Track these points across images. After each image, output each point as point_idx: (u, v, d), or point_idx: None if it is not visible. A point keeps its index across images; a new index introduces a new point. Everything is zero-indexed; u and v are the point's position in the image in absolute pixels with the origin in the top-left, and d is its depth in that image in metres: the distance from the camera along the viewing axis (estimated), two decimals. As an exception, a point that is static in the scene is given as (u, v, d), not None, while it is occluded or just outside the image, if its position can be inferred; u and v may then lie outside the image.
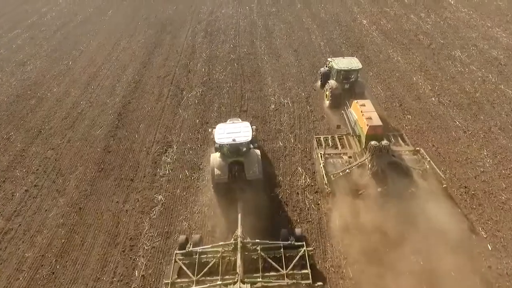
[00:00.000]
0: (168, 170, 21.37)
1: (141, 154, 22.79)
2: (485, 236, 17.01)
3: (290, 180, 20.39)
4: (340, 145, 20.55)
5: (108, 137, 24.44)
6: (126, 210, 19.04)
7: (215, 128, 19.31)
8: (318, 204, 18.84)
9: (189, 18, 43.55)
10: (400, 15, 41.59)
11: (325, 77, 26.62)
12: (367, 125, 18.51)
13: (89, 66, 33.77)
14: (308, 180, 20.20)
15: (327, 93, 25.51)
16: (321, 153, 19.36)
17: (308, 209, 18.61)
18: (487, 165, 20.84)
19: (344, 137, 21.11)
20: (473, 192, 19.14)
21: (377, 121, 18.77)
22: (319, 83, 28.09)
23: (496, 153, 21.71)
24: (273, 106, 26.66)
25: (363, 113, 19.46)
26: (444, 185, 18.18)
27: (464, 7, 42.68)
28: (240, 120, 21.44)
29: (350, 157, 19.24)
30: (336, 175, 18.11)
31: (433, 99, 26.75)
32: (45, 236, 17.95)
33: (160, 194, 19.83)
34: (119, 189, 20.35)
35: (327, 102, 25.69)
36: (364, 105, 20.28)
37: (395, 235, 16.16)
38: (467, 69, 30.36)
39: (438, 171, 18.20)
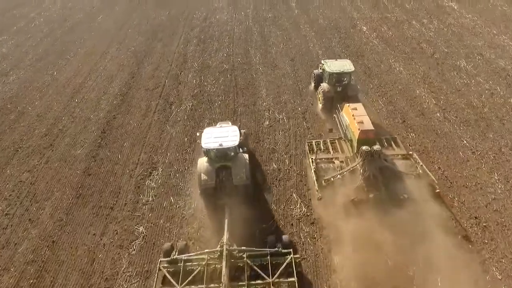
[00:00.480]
0: (152, 197, 19.64)
1: (123, 178, 21.05)
2: (499, 277, 15.27)
3: (284, 209, 18.70)
4: (332, 149, 20.07)
5: (89, 157, 22.72)
6: (104, 244, 17.29)
7: (202, 131, 18.86)
8: (315, 238, 17.12)
9: (182, 24, 41.85)
10: (401, 21, 39.93)
11: (319, 80, 26.08)
12: (359, 129, 18.08)
13: (74, 77, 32.03)
14: (303, 208, 18.53)
15: (319, 96, 25.04)
16: (312, 158, 18.87)
17: (303, 244, 16.90)
18: (499, 191, 19.13)
19: (336, 141, 20.61)
20: (484, 224, 17.43)
21: (368, 125, 18.35)
22: (312, 85, 27.50)
23: (508, 177, 19.98)
24: (267, 123, 24.93)
25: (354, 117, 18.96)
26: (437, 190, 17.69)
27: (468, 13, 41.02)
28: (229, 124, 20.87)
29: (342, 161, 18.84)
30: (327, 181, 17.66)
31: (438, 114, 25.04)
32: (12, 275, 16.21)
33: (141, 225, 18.08)
34: (97, 219, 18.61)
35: (319, 105, 25.23)
36: (355, 109, 19.74)
37: (392, 259, 15.25)
38: (473, 80, 28.68)
39: (432, 176, 17.89)
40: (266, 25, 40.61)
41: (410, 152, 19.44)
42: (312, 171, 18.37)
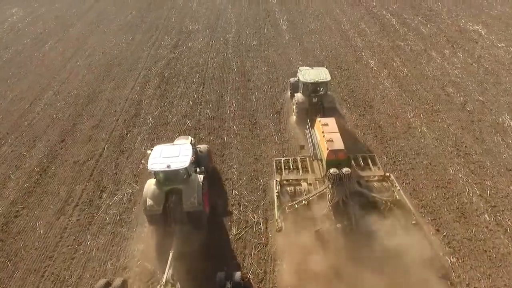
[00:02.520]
0: None
1: None
2: None
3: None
4: (302, 169, 17.88)
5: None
6: None
7: (151, 149, 16.93)
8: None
9: (145, 55, 33.82)
10: (418, 52, 31.94)
11: (295, 89, 23.90)
12: (327, 148, 16.25)
13: (-14, 138, 24.14)
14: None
15: (294, 107, 22.92)
16: (276, 180, 16.76)
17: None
18: None
19: (307, 159, 18.42)
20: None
21: (339, 145, 16.44)
22: (289, 94, 25.17)
23: None
24: (234, 232, 17.03)
25: (324, 134, 17.03)
26: (414, 222, 15.08)
27: (500, 41, 32.95)
28: (189, 140, 18.72)
29: (310, 184, 16.72)
30: (291, 207, 15.56)
31: (486, 217, 17.03)
32: None
33: None
34: None
35: (293, 117, 23.01)
36: (326, 125, 17.79)
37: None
38: (526, 150, 20.82)
39: (408, 203, 15.70)
40: (248, 57, 32.52)
41: (387, 174, 17.04)
42: (275, 195, 16.21)
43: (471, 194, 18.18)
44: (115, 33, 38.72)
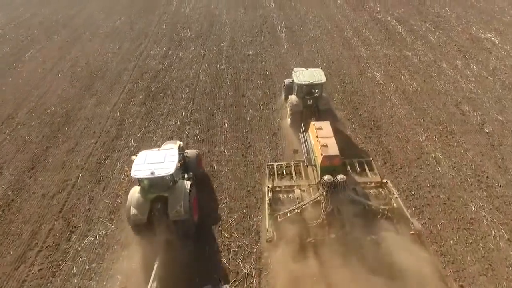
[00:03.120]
0: None
1: None
2: None
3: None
4: (296, 174, 17.13)
5: None
6: None
7: (136, 155, 16.18)
8: None
9: (132, 66, 31.27)
10: (427, 63, 29.42)
11: (289, 90, 22.77)
12: (321, 154, 15.44)
13: (-51, 164, 21.59)
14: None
15: (288, 110, 22.20)
16: (268, 186, 15.99)
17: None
18: None
19: (301, 164, 17.73)
20: None
21: (333, 150, 15.64)
22: (283, 96, 24.11)
23: None
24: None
25: (318, 139, 16.29)
26: (412, 232, 14.33)
27: (516, 50, 30.69)
28: (177, 145, 18.11)
29: (304, 190, 15.97)
30: (282, 216, 14.77)
31: (519, 269, 14.67)
32: None
33: None
34: None
35: (288, 120, 22.29)
36: (321, 129, 17.03)
37: None
38: (556, 181, 18.28)
39: (406, 212, 14.86)
40: (243, 69, 29.96)
41: (385, 180, 16.28)
42: (266, 203, 15.44)
43: (497, 238, 15.64)
44: (101, 41, 36.12)
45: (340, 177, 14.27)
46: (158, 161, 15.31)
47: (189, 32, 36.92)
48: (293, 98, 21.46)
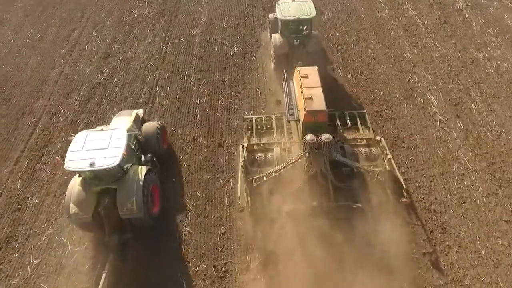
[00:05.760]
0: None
1: None
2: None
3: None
4: (277, 129, 14.86)
5: None
6: None
7: (73, 136, 13.37)
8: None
9: (55, 75, 20.17)
10: (505, 73, 18.92)
11: (274, 27, 19.12)
12: (305, 109, 13.12)
13: None
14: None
15: (271, 52, 18.89)
16: (243, 145, 13.87)
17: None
18: None
19: (283, 117, 15.17)
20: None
21: (319, 104, 13.26)
22: (268, 33, 20.12)
23: None
24: None
25: (302, 90, 13.69)
26: (404, 200, 12.52)
27: None
28: (132, 117, 14.92)
29: (284, 149, 13.81)
30: (258, 180, 12.75)
31: None
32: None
33: None
34: None
35: (271, 64, 19.08)
36: (306, 77, 14.17)
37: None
38: None
39: (399, 176, 13.07)
40: (223, 84, 19.02)
41: (378, 138, 14.06)
42: (240, 165, 13.20)
43: None
44: (17, 24, 24.65)
45: (325, 137, 12.57)
46: (100, 146, 12.59)
47: (147, 8, 25.09)
48: (276, 37, 18.25)
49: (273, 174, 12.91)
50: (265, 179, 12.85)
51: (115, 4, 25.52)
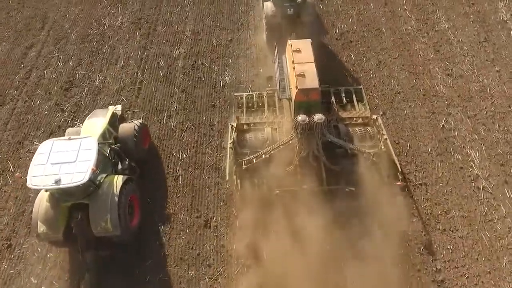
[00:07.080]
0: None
1: None
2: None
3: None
4: (269, 108, 14.17)
5: None
6: None
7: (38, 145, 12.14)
8: None
9: None
10: None
11: None
12: (296, 87, 12.43)
13: None
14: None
15: (263, 22, 17.84)
16: (232, 125, 13.22)
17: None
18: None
19: (275, 94, 14.30)
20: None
21: (312, 82, 12.52)
22: (261, 3, 18.23)
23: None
24: None
25: (294, 65, 12.90)
26: (399, 183, 12.19)
27: None
28: (107, 117, 13.35)
29: (276, 129, 13.28)
30: (248, 162, 12.27)
31: None
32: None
33: None
34: None
35: (264, 36, 17.89)
36: (299, 51, 13.29)
37: None
38: None
39: (395, 159, 12.35)
40: (209, 144, 15.52)
41: (375, 116, 13.16)
42: (230, 145, 12.56)
43: None
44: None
45: (318, 117, 11.80)
46: (67, 160, 11.03)
47: (120, 16, 20.54)
48: (269, 6, 17.20)
49: (263, 156, 12.44)
50: (254, 161, 12.39)
51: (81, 11, 20.97)
